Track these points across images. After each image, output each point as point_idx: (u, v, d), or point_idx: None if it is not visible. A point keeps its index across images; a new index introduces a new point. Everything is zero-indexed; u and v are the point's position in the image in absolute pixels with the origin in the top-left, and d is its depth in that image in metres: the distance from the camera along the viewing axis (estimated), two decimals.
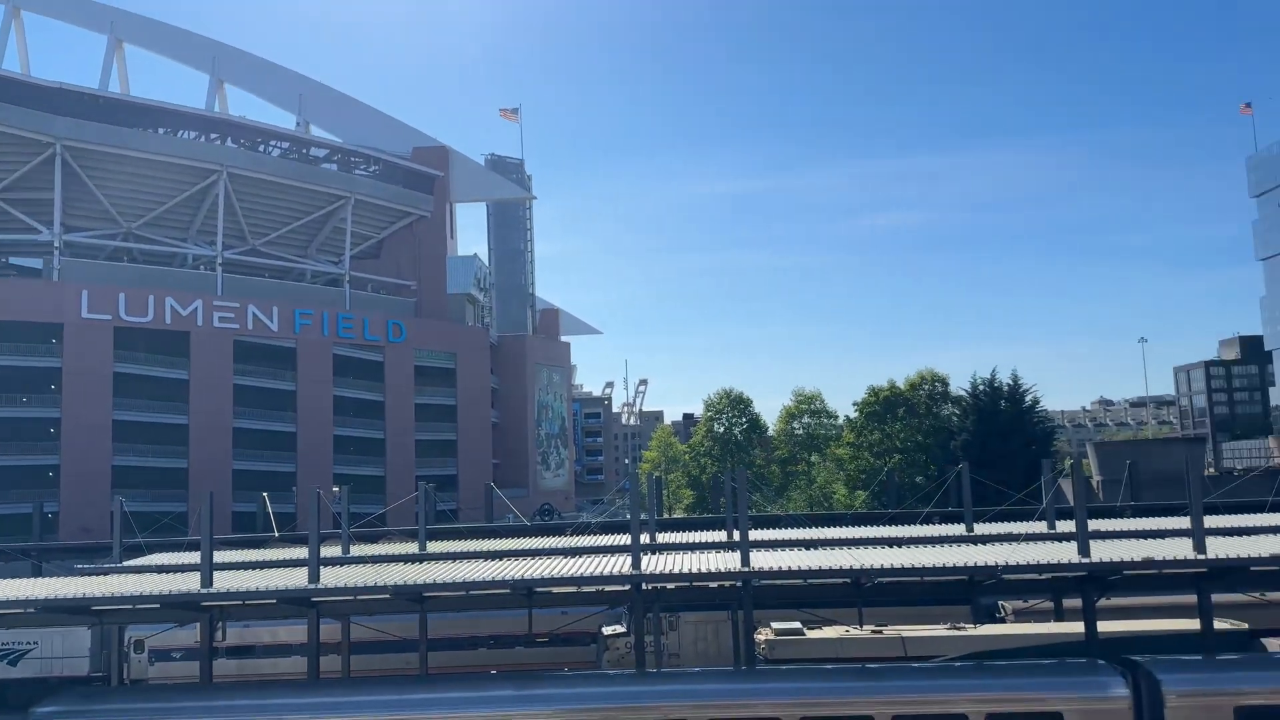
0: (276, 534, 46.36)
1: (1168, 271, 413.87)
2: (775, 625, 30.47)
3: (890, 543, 30.71)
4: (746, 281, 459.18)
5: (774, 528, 41.30)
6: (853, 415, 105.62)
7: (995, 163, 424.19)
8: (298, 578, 26.71)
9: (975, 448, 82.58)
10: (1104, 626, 29.02)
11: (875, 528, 38.78)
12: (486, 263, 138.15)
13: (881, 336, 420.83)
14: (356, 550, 35.72)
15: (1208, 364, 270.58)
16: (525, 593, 27.10)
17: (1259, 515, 35.72)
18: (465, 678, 27.93)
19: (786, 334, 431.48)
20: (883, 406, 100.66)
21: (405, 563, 30.55)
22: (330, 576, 26.73)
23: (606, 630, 34.98)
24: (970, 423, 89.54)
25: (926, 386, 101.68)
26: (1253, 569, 24.53)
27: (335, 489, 45.33)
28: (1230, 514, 35.63)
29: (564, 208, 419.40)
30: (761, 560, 26.02)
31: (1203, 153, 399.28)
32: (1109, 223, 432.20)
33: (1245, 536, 28.12)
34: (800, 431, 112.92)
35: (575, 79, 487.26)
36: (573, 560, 28.31)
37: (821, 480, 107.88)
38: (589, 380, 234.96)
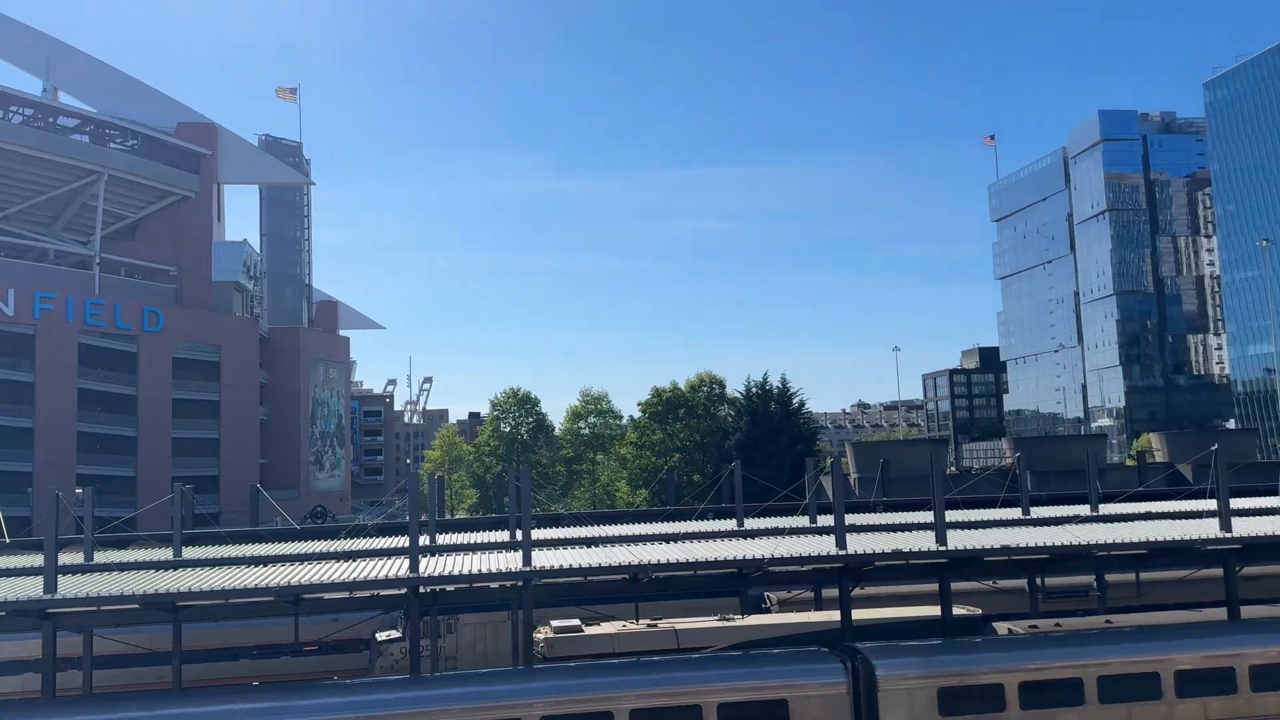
0: (6, 539, 41.68)
1: (921, 286, 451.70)
2: (554, 624, 30.61)
3: (667, 539, 31.59)
4: (538, 282, 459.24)
5: (557, 527, 41.48)
6: (637, 415, 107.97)
7: (782, 176, 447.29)
8: (31, 587, 24.17)
9: (748, 446, 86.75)
10: (860, 614, 31.24)
11: (654, 524, 39.76)
12: (258, 249, 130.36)
13: (668, 339, 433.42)
14: (102, 557, 32.71)
15: (951, 372, 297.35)
16: (292, 600, 25.77)
17: (992, 510, 39.46)
18: (221, 690, 26.23)
19: (576, 335, 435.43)
20: (665, 407, 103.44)
21: (158, 570, 28.32)
22: (70, 585, 24.38)
23: (381, 636, 33.91)
24: (744, 423, 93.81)
25: (705, 388, 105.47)
26: (986, 559, 27.09)
27: (78, 490, 41.31)
28: (969, 509, 39.20)
29: (348, 196, 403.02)
30: (543, 559, 26.04)
31: (960, 176, 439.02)
32: (872, 238, 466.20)
33: (980, 530, 30.98)
34: (586, 431, 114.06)
35: (365, 64, 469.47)
36: (346, 564, 27.19)
37: (605, 479, 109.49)
38: (370, 377, 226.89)
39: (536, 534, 32.83)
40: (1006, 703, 24.21)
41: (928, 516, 28.29)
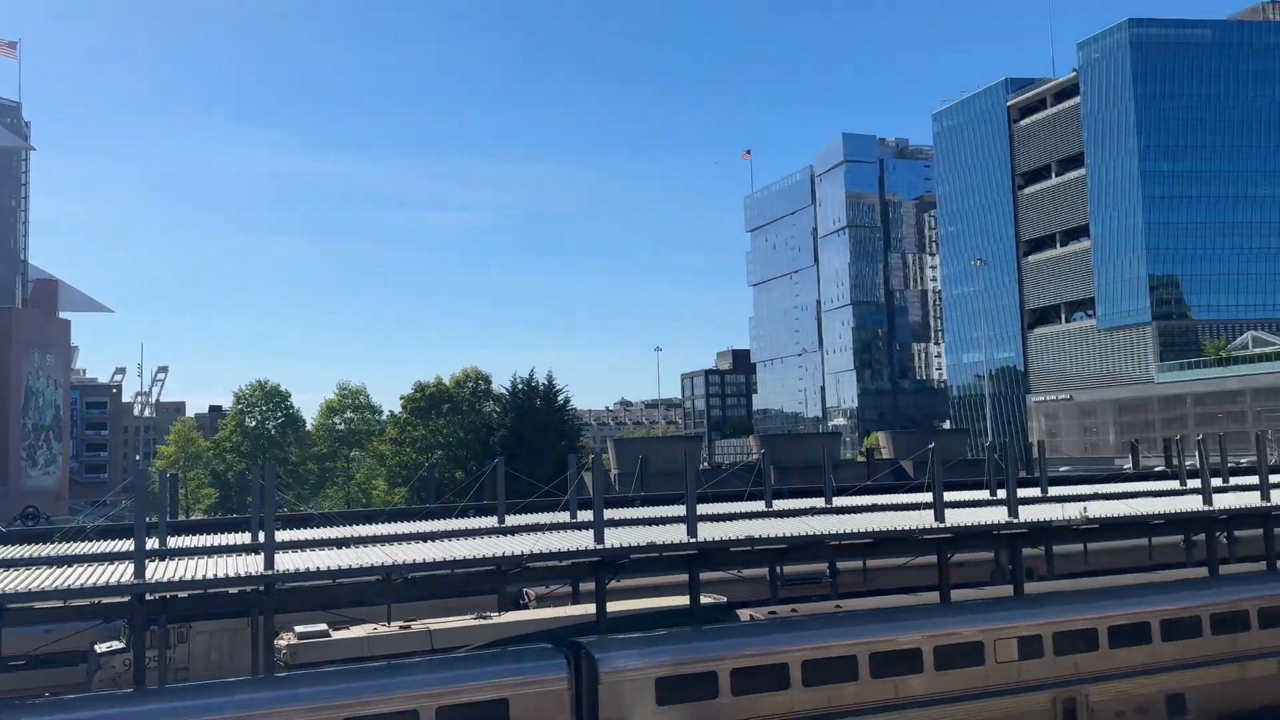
0: None
1: (684, 289, 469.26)
2: (299, 629, 29.15)
3: (425, 537, 30.88)
4: (291, 268, 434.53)
5: (306, 528, 39.45)
6: (398, 411, 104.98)
7: (554, 175, 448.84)
8: None
9: (513, 443, 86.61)
10: (617, 606, 31.93)
11: (412, 523, 38.72)
12: None
13: (433, 333, 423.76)
14: None
15: (707, 373, 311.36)
16: None
17: (739, 504, 41.56)
18: None
19: (333, 326, 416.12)
20: (428, 402, 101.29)
21: None
22: None
23: (101, 648, 30.93)
24: (509, 420, 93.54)
25: (471, 384, 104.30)
26: (732, 549, 28.49)
27: None
28: (719, 502, 41.06)
29: (75, 166, 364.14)
30: (288, 562, 24.69)
31: (721, 187, 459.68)
32: (639, 241, 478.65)
33: (728, 522, 32.54)
34: (342, 427, 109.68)
35: (101, 21, 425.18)
36: (61, 570, 24.51)
37: (361, 477, 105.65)
38: (94, 365, 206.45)
39: (283, 535, 31.12)
40: (719, 689, 25.10)
41: (682, 510, 29.35)
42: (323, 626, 29.42)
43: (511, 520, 36.13)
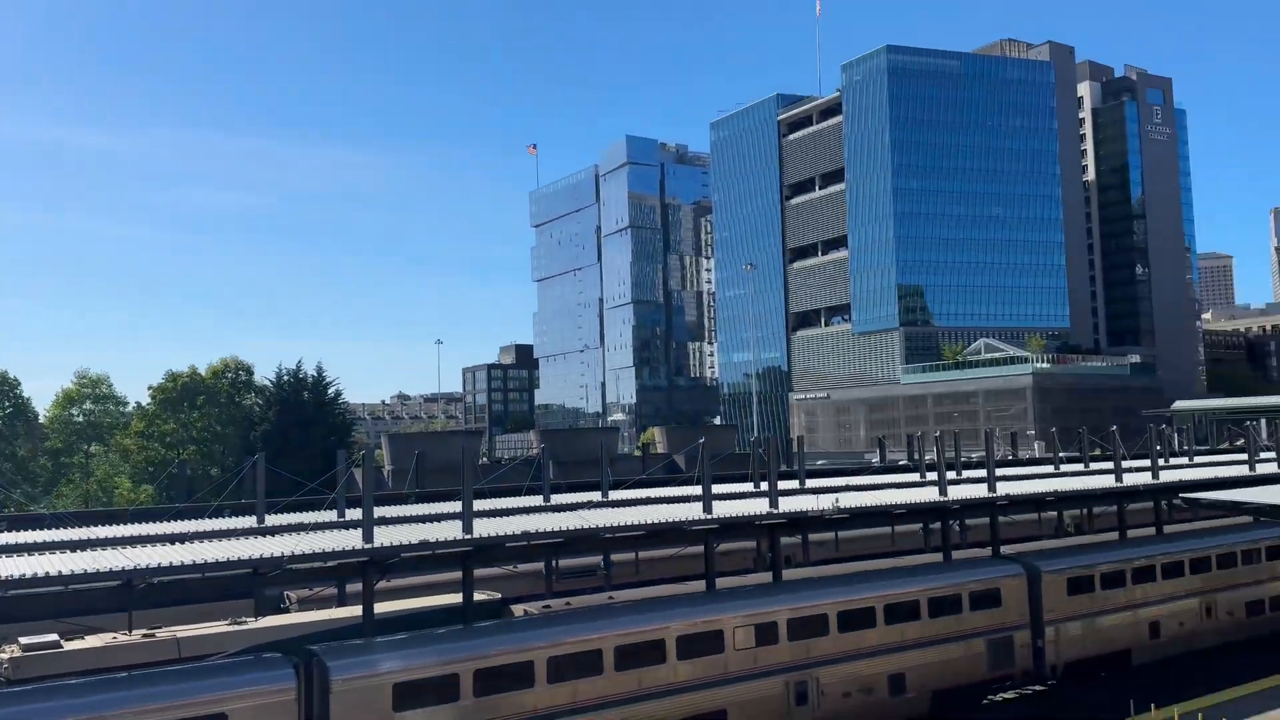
0: None
1: (467, 281, 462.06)
2: (24, 640, 26.32)
3: (174, 539, 28.65)
4: (24, 243, 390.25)
5: (37, 529, 35.61)
6: (146, 402, 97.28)
7: (329, 159, 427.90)
8: None
9: (277, 438, 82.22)
10: (388, 606, 30.96)
11: (160, 524, 35.82)
12: None
13: (189, 320, 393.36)
14: None
15: (490, 367, 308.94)
16: None
17: (518, 499, 41.39)
18: None
19: (71, 310, 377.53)
20: (181, 394, 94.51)
21: None
22: None
23: None
24: (273, 413, 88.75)
25: (230, 374, 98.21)
26: (508, 545, 28.36)
27: None
28: (497, 498, 40.70)
29: None
30: (11, 567, 22.22)
31: (507, 180, 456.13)
32: (422, 231, 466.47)
33: (505, 517, 32.33)
34: (81, 419, 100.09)
35: None
36: None
37: (102, 474, 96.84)
38: None
39: (6, 539, 28.01)
40: (461, 692, 24.56)
41: (459, 507, 28.88)
42: (53, 637, 26.71)
43: (273, 520, 34.22)
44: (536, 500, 39.41)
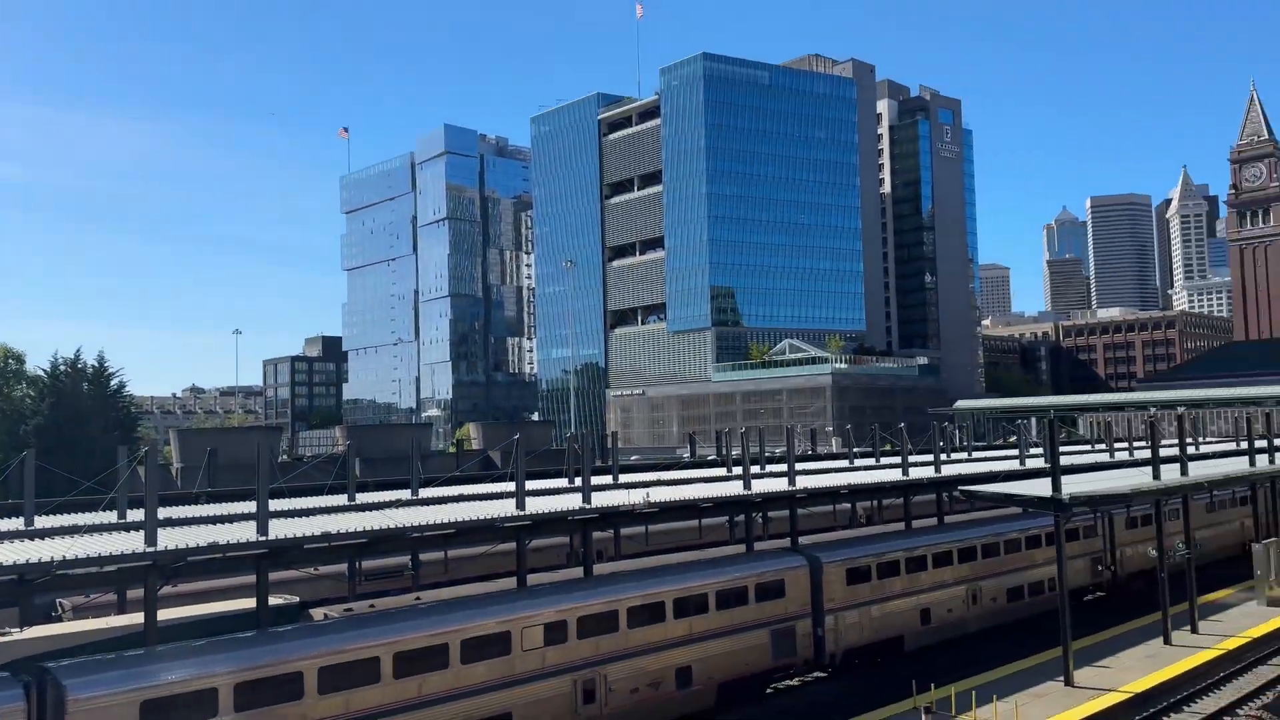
0: None
1: (270, 268, 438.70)
2: None
3: None
4: None
5: None
6: None
7: (112, 130, 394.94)
8: None
9: (51, 433, 75.86)
10: (174, 612, 29.06)
11: None
12: None
13: None
14: None
15: (294, 359, 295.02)
16: None
17: (320, 498, 39.81)
18: None
19: None
20: None
21: None
22: None
23: None
24: (47, 405, 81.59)
25: None
26: (307, 546, 27.21)
27: None
28: (297, 497, 38.96)
29: None
30: None
31: (316, 164, 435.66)
32: (218, 213, 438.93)
33: (305, 517, 31.00)
34: None
35: None
36: None
37: None
38: None
39: None
40: (219, 707, 23.27)
41: (254, 507, 27.46)
42: None
43: (43, 522, 31.42)
44: (341, 499, 38.01)
